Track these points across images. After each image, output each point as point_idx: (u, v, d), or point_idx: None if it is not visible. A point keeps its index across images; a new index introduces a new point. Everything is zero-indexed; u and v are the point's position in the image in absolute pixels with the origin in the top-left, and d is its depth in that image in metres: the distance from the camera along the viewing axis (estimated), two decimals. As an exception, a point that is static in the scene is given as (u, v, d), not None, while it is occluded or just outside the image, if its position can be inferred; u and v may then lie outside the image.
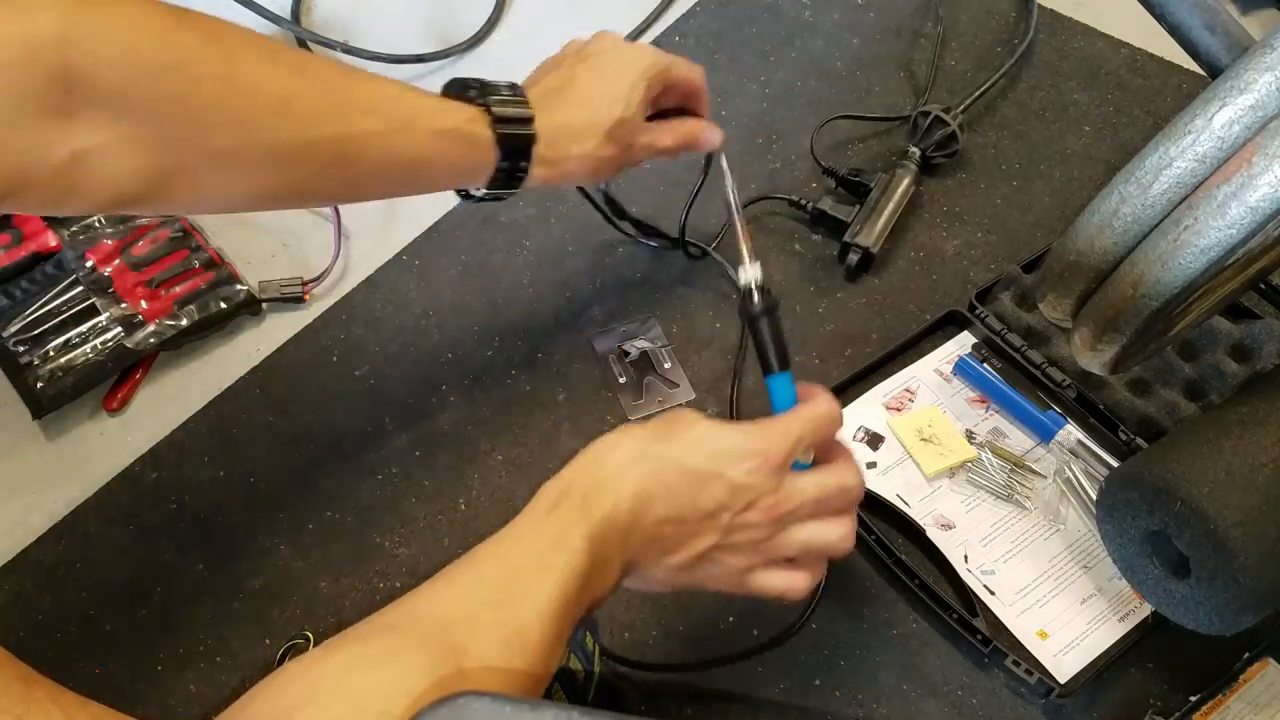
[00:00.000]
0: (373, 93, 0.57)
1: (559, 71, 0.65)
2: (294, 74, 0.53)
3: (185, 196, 0.53)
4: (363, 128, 0.55)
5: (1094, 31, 0.97)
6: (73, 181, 0.47)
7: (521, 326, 0.77)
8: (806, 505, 0.51)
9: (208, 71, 0.49)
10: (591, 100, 0.63)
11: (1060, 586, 0.66)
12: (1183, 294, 0.52)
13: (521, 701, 0.37)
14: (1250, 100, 0.49)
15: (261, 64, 0.52)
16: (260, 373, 0.74)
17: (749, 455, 0.49)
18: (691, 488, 0.49)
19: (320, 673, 0.42)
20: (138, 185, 0.49)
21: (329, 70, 0.56)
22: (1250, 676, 0.61)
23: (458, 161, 0.60)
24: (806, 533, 0.51)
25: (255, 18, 0.85)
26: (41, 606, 0.64)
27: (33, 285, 0.74)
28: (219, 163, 0.52)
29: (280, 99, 0.52)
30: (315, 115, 0.54)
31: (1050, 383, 0.72)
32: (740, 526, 0.50)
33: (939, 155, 0.85)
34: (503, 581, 0.47)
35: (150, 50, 0.47)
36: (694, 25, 0.97)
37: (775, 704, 0.61)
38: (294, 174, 0.54)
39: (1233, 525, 0.53)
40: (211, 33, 0.50)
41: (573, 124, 0.62)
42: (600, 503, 0.48)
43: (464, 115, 0.59)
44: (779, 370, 0.53)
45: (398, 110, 0.57)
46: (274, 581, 0.65)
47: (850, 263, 0.78)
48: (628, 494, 0.48)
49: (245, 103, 0.51)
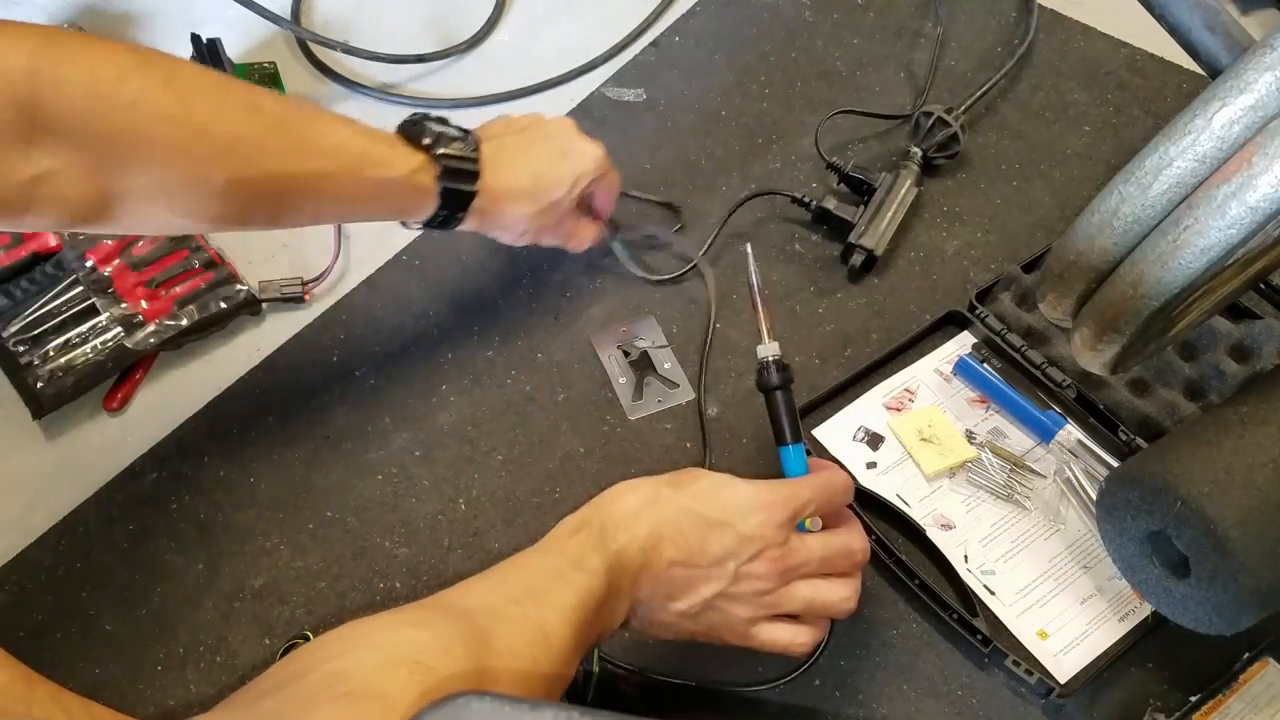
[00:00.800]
0: (323, 134, 0.60)
1: (519, 136, 0.69)
2: (246, 114, 0.56)
3: (131, 220, 0.56)
4: (309, 168, 0.59)
5: (1094, 31, 0.97)
6: (30, 201, 0.51)
7: (521, 326, 0.77)
8: (812, 562, 0.54)
9: (162, 111, 0.53)
10: (541, 175, 0.68)
11: (1060, 586, 0.66)
12: (1183, 294, 0.52)
13: (521, 701, 0.37)
14: (1250, 100, 0.49)
15: (214, 105, 0.55)
16: (260, 373, 0.74)
17: (758, 508, 0.53)
18: (701, 533, 0.52)
19: (356, 633, 0.45)
20: (88, 208, 0.53)
21: (283, 110, 0.59)
22: (1250, 676, 0.61)
23: (398, 205, 0.64)
24: (811, 590, 0.54)
25: (255, 18, 0.85)
26: (41, 606, 0.64)
27: (33, 285, 0.74)
28: (165, 193, 0.55)
29: (230, 138, 0.55)
30: (263, 155, 0.57)
31: (1050, 383, 0.72)
32: (746, 576, 0.52)
33: (940, 156, 0.85)
34: (526, 585, 0.50)
35: (110, 88, 0.51)
36: (694, 25, 0.97)
37: (775, 704, 0.61)
38: (237, 206, 0.58)
39: (1233, 525, 0.53)
40: (170, 74, 0.54)
41: (515, 189, 0.67)
42: (616, 537, 0.51)
43: (412, 164, 0.62)
44: (791, 443, 0.57)
45: (346, 153, 0.60)
46: (274, 581, 0.65)
47: (854, 264, 0.78)
48: (641, 533, 0.52)
49: (195, 141, 0.54)
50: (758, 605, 0.53)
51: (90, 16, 0.94)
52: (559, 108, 0.90)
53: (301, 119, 0.59)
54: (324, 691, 0.42)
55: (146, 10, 0.95)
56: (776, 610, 0.54)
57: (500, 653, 0.46)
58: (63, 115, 0.50)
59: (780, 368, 0.58)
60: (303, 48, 0.93)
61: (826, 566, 0.54)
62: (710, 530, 0.52)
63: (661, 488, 0.54)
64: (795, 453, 0.57)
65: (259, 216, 0.60)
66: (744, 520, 0.52)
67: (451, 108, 0.90)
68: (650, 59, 0.94)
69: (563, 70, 0.92)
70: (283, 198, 0.59)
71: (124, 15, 0.95)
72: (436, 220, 0.65)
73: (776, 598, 0.54)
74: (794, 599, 0.54)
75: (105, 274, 0.75)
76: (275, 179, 0.58)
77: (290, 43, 0.94)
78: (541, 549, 0.52)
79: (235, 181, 0.56)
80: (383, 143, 0.62)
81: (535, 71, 0.92)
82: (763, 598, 0.53)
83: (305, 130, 0.59)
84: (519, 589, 0.50)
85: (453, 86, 0.92)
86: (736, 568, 0.52)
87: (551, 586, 0.49)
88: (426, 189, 0.63)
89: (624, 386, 0.74)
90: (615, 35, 0.95)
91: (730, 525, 0.52)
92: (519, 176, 0.67)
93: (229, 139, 0.55)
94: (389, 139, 0.63)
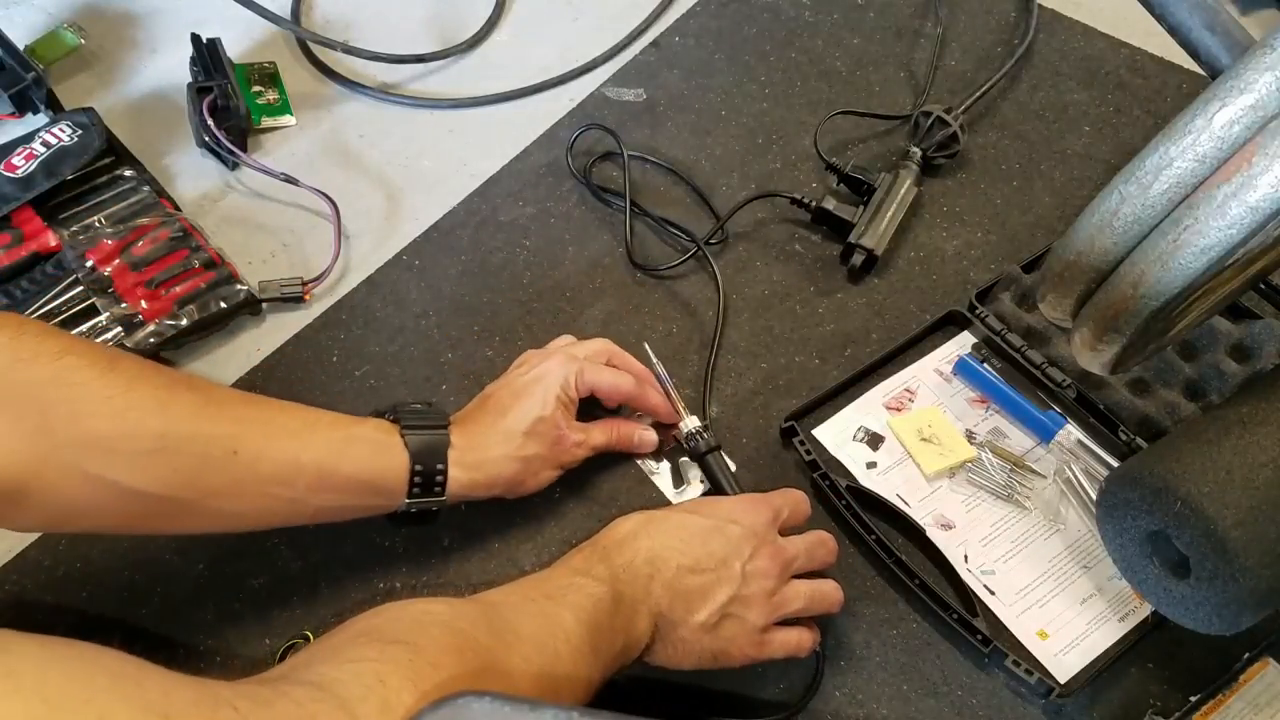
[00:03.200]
0: (264, 415, 0.56)
1: (483, 396, 0.67)
2: (193, 402, 0.53)
3: (51, 495, 0.51)
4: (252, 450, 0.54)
5: (1094, 31, 0.97)
6: None
7: (521, 326, 0.77)
8: (801, 556, 0.59)
9: (96, 393, 0.50)
10: (507, 408, 0.64)
11: (1060, 586, 0.66)
12: (1183, 294, 0.52)
13: (521, 701, 0.37)
14: (1250, 100, 0.49)
15: (152, 393, 0.52)
16: (260, 373, 0.74)
17: (745, 509, 0.59)
18: (701, 538, 0.57)
19: (387, 605, 0.50)
20: (11, 471, 0.49)
21: (225, 400, 0.55)
22: (1250, 676, 0.61)
23: (367, 467, 0.58)
24: (808, 585, 0.59)
25: (255, 18, 0.85)
26: (41, 606, 0.64)
27: (33, 285, 0.74)
28: (79, 475, 0.50)
29: (158, 435, 0.51)
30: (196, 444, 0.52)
31: (1050, 383, 0.72)
32: (752, 575, 0.57)
33: (940, 155, 0.85)
34: (541, 589, 0.54)
35: (30, 366, 0.49)
36: (694, 25, 0.97)
37: (775, 704, 0.61)
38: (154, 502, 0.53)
39: (1233, 525, 0.53)
40: (111, 363, 0.51)
41: (490, 430, 0.63)
42: (619, 555, 0.56)
43: (371, 424, 0.59)
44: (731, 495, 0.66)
45: (292, 423, 0.56)
46: (274, 581, 0.65)
47: (854, 264, 0.78)
48: (643, 549, 0.56)
49: (120, 429, 0.50)
50: (768, 606, 0.57)
51: (90, 16, 0.94)
52: (559, 108, 0.90)
53: (248, 409, 0.56)
54: (356, 639, 0.46)
55: (146, 10, 0.95)
56: (784, 609, 0.58)
57: (525, 638, 0.49)
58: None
59: (705, 436, 0.68)
60: (303, 48, 0.93)
61: (812, 560, 0.60)
62: (708, 534, 0.57)
63: (652, 514, 0.59)
64: None
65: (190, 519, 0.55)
66: (736, 521, 0.58)
67: (451, 108, 0.90)
68: (650, 59, 0.94)
69: (563, 70, 0.92)
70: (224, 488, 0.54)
71: (124, 15, 0.95)
72: (418, 484, 0.59)
73: (782, 597, 0.58)
74: (796, 596, 0.58)
75: (105, 274, 0.75)
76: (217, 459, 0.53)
77: (290, 43, 0.94)
78: (547, 570, 0.57)
79: (153, 482, 0.52)
80: (338, 417, 0.59)
81: (535, 71, 0.92)
82: (771, 598, 0.57)
83: (250, 414, 0.55)
84: (535, 591, 0.53)
85: (453, 86, 0.92)
86: (742, 567, 0.56)
87: (565, 590, 0.53)
88: (393, 445, 0.59)
89: (660, 476, 0.70)
90: (615, 35, 0.95)
91: (725, 526, 0.58)
92: (487, 420, 0.63)
93: (157, 436, 0.51)
94: (343, 417, 0.59)
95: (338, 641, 0.47)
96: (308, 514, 0.58)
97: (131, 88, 0.90)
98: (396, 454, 0.58)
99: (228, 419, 0.54)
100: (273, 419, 0.56)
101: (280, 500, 0.56)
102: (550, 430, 0.64)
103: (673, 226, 0.82)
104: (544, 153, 0.87)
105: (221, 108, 0.82)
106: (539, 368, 0.66)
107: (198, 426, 0.52)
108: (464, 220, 0.83)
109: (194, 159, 0.85)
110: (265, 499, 0.55)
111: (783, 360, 0.76)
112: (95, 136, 0.80)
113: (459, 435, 0.61)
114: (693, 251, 0.80)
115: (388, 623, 0.48)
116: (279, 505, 0.56)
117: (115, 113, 0.86)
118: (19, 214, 0.77)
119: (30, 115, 0.85)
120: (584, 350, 0.69)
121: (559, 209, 0.84)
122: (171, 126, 0.86)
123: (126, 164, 0.82)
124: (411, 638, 0.46)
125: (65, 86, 0.88)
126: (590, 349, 0.69)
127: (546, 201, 0.84)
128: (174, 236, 0.77)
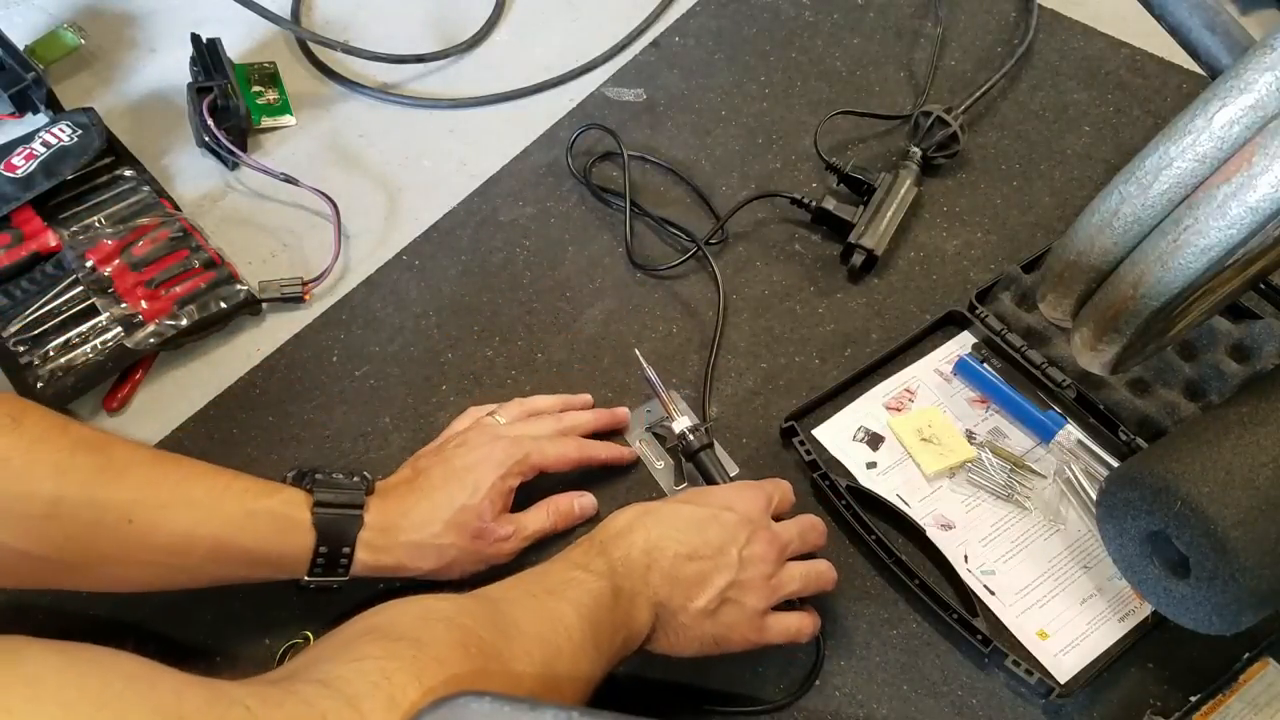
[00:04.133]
0: (168, 481, 0.54)
1: (416, 465, 0.64)
2: (93, 466, 0.52)
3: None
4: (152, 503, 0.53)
5: (1094, 31, 0.97)
6: None
7: (521, 326, 0.77)
8: (794, 540, 0.60)
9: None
10: (435, 489, 0.60)
11: (1060, 586, 0.66)
12: (1183, 294, 0.52)
13: (521, 701, 0.37)
14: (1250, 100, 0.49)
15: (52, 456, 0.51)
16: (260, 373, 0.74)
17: (739, 497, 0.60)
18: (698, 526, 0.57)
19: (394, 602, 0.50)
20: None
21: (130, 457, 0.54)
22: (1250, 676, 0.61)
23: (268, 544, 0.56)
24: (804, 568, 0.60)
25: (255, 18, 0.85)
26: (42, 606, 0.64)
27: (33, 285, 0.74)
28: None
29: (52, 500, 0.50)
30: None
31: (1050, 383, 0.72)
32: (750, 560, 0.57)
33: (940, 155, 0.85)
34: (541, 583, 0.54)
35: None
36: (694, 25, 0.97)
37: (775, 704, 0.61)
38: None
39: (1233, 525, 0.53)
40: (16, 420, 0.50)
41: (411, 512, 0.60)
42: (616, 547, 0.56)
43: (282, 497, 0.57)
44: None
45: (196, 491, 0.54)
46: (274, 582, 0.65)
47: (854, 264, 0.78)
48: (639, 540, 0.56)
49: (15, 490, 0.50)
50: (766, 590, 0.57)
51: (90, 16, 0.94)
52: (559, 108, 0.90)
53: (155, 467, 0.54)
54: (360, 637, 0.46)
55: (146, 10, 0.95)
56: (781, 593, 0.58)
57: (528, 634, 0.50)
58: None
59: (696, 435, 0.67)
60: (303, 48, 0.93)
61: (805, 543, 0.61)
62: (705, 522, 0.57)
63: (647, 506, 0.59)
64: None
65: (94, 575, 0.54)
66: (731, 507, 0.59)
67: (451, 108, 0.90)
68: (650, 59, 0.94)
69: (563, 70, 0.92)
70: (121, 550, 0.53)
71: (124, 15, 0.95)
72: (320, 563, 0.57)
73: (779, 580, 0.58)
74: (793, 578, 0.59)
75: (105, 274, 0.75)
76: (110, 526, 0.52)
77: (290, 43, 0.94)
78: (546, 564, 0.56)
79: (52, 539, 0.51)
80: (251, 482, 0.57)
81: (535, 71, 0.92)
82: (769, 581, 0.58)
83: (152, 474, 0.54)
84: (536, 586, 0.53)
85: (453, 86, 0.92)
86: (739, 552, 0.57)
87: (564, 585, 0.53)
88: (300, 523, 0.56)
89: (662, 471, 0.70)
90: (615, 35, 0.95)
91: (721, 514, 0.58)
92: (413, 499, 0.60)
93: (49, 506, 0.50)
94: (257, 481, 0.57)
95: (342, 639, 0.47)
96: (204, 581, 0.57)
97: (131, 88, 0.90)
98: (302, 533, 0.56)
99: (128, 485, 0.52)
100: (176, 486, 0.54)
101: (174, 569, 0.55)
102: (472, 521, 0.60)
103: (673, 226, 0.82)
104: (544, 153, 0.87)
105: (221, 108, 0.82)
106: (479, 451, 0.62)
107: (94, 493, 0.51)
108: (464, 220, 0.83)
109: (194, 159, 0.85)
110: (159, 568, 0.54)
111: (783, 360, 0.76)
112: (95, 136, 0.80)
113: (376, 513, 0.58)
114: (693, 251, 0.80)
115: (392, 620, 0.48)
116: (173, 574, 0.55)
117: (115, 113, 0.86)
118: (19, 214, 0.76)
119: (30, 115, 0.85)
120: (536, 430, 0.66)
121: (559, 209, 0.84)
122: (171, 126, 0.86)
123: (126, 164, 0.82)
124: (416, 634, 0.46)
125: (65, 86, 0.88)
126: (543, 429, 0.66)
127: (546, 201, 0.84)
128: (174, 236, 0.77)
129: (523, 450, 0.63)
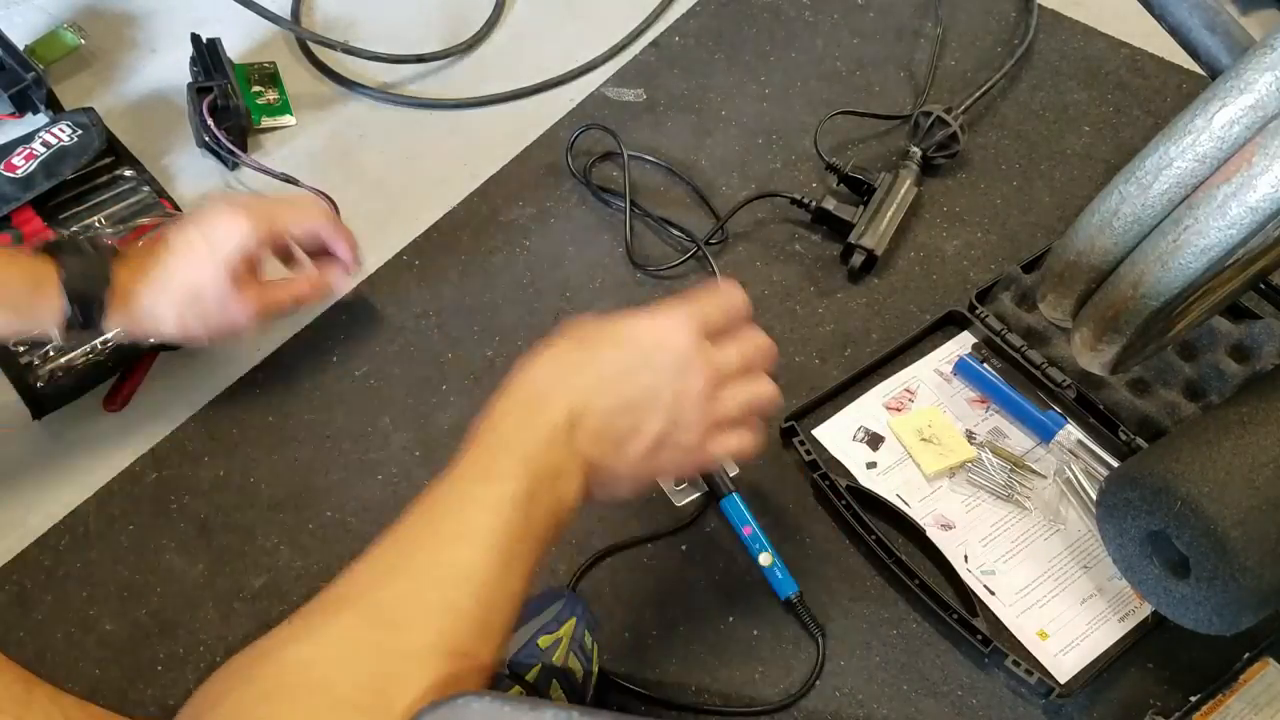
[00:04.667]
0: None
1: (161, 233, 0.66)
2: None
3: None
4: None
5: (1094, 31, 0.97)
6: None
7: (521, 326, 0.77)
8: (734, 364, 0.54)
9: None
10: (169, 256, 0.64)
11: (1060, 586, 0.66)
12: (1183, 294, 0.52)
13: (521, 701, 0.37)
14: (1250, 100, 0.49)
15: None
16: (260, 373, 0.74)
17: (669, 331, 0.53)
18: (628, 375, 0.51)
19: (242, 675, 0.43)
20: None
21: None
22: (1250, 676, 0.61)
23: (18, 287, 0.60)
24: (746, 392, 0.55)
25: (255, 18, 0.85)
26: (41, 606, 0.64)
27: (33, 285, 0.74)
28: None
29: None
30: None
31: (1050, 383, 0.72)
32: (683, 396, 0.52)
33: (940, 155, 0.85)
34: (430, 527, 0.47)
35: None
36: (694, 25, 0.97)
37: (775, 704, 0.61)
38: None
39: (1233, 525, 0.53)
40: None
41: (150, 271, 0.63)
42: (539, 417, 0.50)
43: (27, 254, 0.61)
44: (725, 494, 0.67)
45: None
46: (274, 581, 0.65)
47: (854, 264, 0.78)
48: (561, 404, 0.50)
49: None
50: (703, 419, 0.53)
51: (90, 16, 0.94)
52: (559, 108, 0.90)
53: None
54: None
55: (146, 10, 0.95)
56: (720, 418, 0.54)
57: (421, 628, 0.43)
58: None
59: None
60: (303, 48, 0.93)
61: (749, 366, 0.55)
62: (634, 370, 0.52)
63: (569, 352, 0.53)
64: (730, 503, 0.67)
65: None
66: (662, 346, 0.52)
67: (452, 108, 0.90)
68: (650, 59, 0.94)
69: (563, 70, 0.92)
70: None
71: (124, 15, 0.95)
72: (76, 313, 0.61)
73: (717, 405, 0.53)
74: (733, 402, 0.54)
75: (105, 274, 0.75)
76: None
77: (290, 43, 0.94)
78: (446, 475, 0.49)
79: None
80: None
81: (535, 71, 0.92)
82: (705, 411, 0.53)
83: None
84: (425, 532, 0.47)
85: (453, 86, 0.92)
86: (673, 392, 0.52)
87: (458, 517, 0.47)
88: (45, 274, 0.60)
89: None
90: (615, 35, 0.95)
91: (651, 356, 0.52)
92: (149, 260, 0.64)
93: None
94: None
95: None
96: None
97: (131, 88, 0.90)
98: (49, 283, 0.60)
99: None
100: None
101: None
102: (211, 286, 0.64)
103: (673, 226, 0.82)
104: (544, 153, 0.87)
105: (221, 108, 0.82)
106: (215, 216, 0.65)
107: None
108: (464, 220, 0.83)
109: (194, 159, 0.85)
110: None
111: (783, 360, 0.76)
112: (95, 136, 0.80)
113: (119, 269, 0.63)
114: (693, 251, 0.80)
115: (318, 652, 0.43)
116: None
117: (115, 113, 0.86)
118: (19, 214, 0.76)
119: (30, 115, 0.85)
120: (288, 210, 0.69)
121: (559, 209, 0.84)
122: (171, 126, 0.86)
123: (126, 164, 0.82)
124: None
125: (65, 86, 0.88)
126: (299, 209, 0.70)
127: (546, 201, 0.84)
128: (174, 236, 0.77)
129: (261, 217, 0.65)
